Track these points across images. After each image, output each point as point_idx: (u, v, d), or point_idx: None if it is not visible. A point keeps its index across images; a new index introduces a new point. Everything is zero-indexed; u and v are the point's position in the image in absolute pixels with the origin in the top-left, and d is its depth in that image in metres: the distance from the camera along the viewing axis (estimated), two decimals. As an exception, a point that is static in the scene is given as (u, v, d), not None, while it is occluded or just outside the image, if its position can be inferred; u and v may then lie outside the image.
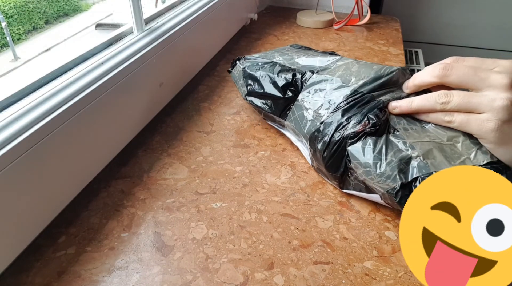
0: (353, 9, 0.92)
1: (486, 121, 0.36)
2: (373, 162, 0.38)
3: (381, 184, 0.38)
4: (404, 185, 0.36)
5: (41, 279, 0.35)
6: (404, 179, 0.37)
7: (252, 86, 0.53)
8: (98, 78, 0.42)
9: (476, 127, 0.37)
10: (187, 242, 0.39)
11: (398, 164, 0.37)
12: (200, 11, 0.64)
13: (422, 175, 0.36)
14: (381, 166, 0.38)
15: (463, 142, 0.39)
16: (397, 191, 0.37)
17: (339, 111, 0.43)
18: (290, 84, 0.49)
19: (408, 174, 0.37)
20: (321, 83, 0.47)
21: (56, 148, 0.37)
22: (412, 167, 0.37)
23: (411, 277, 0.35)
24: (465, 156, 0.38)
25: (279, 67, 0.52)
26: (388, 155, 0.38)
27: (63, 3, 0.92)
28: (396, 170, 0.37)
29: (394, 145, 0.39)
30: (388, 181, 0.37)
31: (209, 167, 0.49)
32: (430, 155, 0.38)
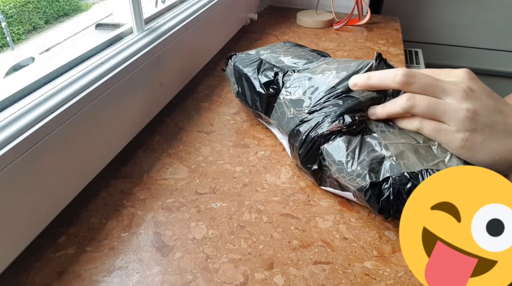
0: (353, 9, 0.92)
1: (455, 132, 0.36)
2: (346, 160, 0.39)
3: (352, 182, 0.39)
4: (374, 184, 0.37)
5: (41, 279, 0.35)
6: (374, 178, 0.37)
7: (241, 83, 0.54)
8: (98, 78, 0.42)
9: (445, 137, 0.37)
10: (187, 242, 0.39)
11: (369, 163, 0.38)
12: (200, 11, 0.64)
13: (393, 175, 0.37)
14: (353, 164, 0.39)
15: (439, 145, 0.39)
16: (366, 190, 0.37)
17: (317, 108, 0.44)
18: (271, 82, 0.50)
19: (380, 173, 0.38)
20: (301, 81, 0.48)
21: (56, 148, 0.37)
22: (384, 167, 0.38)
23: (411, 277, 0.35)
24: (440, 158, 0.38)
25: (264, 64, 0.53)
26: (361, 155, 0.39)
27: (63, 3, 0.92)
28: (367, 169, 0.38)
29: (368, 145, 0.40)
30: (358, 180, 0.38)
31: (209, 167, 0.49)
32: (403, 156, 0.38)
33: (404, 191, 0.36)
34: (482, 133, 0.36)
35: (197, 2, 0.66)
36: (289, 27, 0.93)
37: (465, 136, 0.36)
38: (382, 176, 0.37)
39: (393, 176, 0.37)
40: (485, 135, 0.36)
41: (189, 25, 0.60)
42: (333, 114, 0.42)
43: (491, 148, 0.36)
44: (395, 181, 0.37)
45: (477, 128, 0.36)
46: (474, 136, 0.36)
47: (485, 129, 0.36)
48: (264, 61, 0.53)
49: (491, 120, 0.36)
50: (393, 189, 0.36)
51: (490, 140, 0.36)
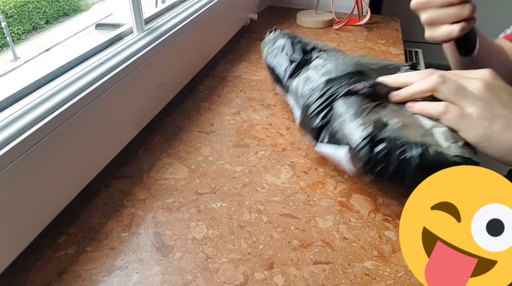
0: (353, 9, 0.92)
1: (478, 119, 0.38)
2: (353, 114, 0.41)
3: (350, 136, 0.40)
4: (370, 139, 0.38)
5: (41, 279, 0.35)
6: (376, 131, 0.39)
7: (276, 48, 0.58)
8: (98, 78, 0.42)
9: (468, 124, 0.38)
10: (187, 242, 0.39)
11: (373, 123, 0.40)
12: (200, 11, 0.64)
13: (391, 135, 0.38)
14: (357, 120, 0.40)
15: (442, 133, 0.40)
16: (360, 142, 0.39)
17: (341, 76, 0.47)
18: (307, 51, 0.55)
19: (379, 133, 0.39)
20: (333, 57, 0.52)
21: (56, 148, 0.37)
22: (386, 130, 0.39)
23: (411, 277, 0.35)
24: (438, 143, 0.39)
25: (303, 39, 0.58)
26: (368, 116, 0.41)
27: (63, 3, 0.92)
28: (368, 124, 0.39)
29: (378, 113, 0.41)
30: (357, 132, 0.39)
31: (209, 167, 0.49)
32: (406, 129, 0.39)
33: (394, 154, 0.37)
34: (500, 123, 0.37)
35: (197, 2, 0.66)
36: (289, 27, 0.93)
37: (486, 124, 0.37)
38: (381, 135, 0.39)
39: (390, 136, 0.38)
40: (502, 126, 0.37)
41: (189, 25, 0.60)
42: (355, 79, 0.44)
43: (507, 140, 0.37)
44: (390, 142, 0.38)
45: (495, 118, 0.37)
46: (494, 126, 0.37)
47: (503, 120, 0.37)
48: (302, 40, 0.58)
49: (508, 113, 0.37)
50: (387, 149, 0.38)
51: (506, 131, 0.37)
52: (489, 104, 0.38)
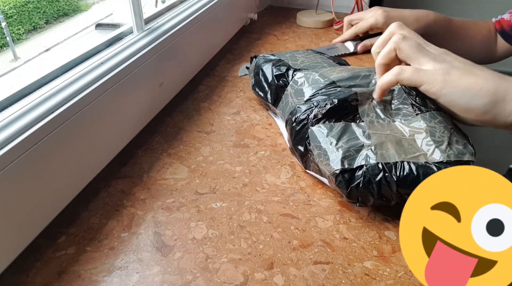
0: (353, 9, 0.92)
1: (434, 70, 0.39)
2: (326, 146, 0.41)
3: (327, 167, 0.41)
4: (345, 171, 0.39)
5: (41, 279, 0.35)
6: (347, 165, 0.39)
7: (258, 76, 0.58)
8: (98, 78, 0.42)
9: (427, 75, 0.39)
10: (187, 242, 0.39)
11: (346, 150, 0.40)
12: (200, 11, 0.64)
13: (367, 165, 0.38)
14: (330, 150, 0.40)
15: (424, 138, 0.40)
16: (337, 175, 0.39)
17: (314, 97, 0.47)
18: (282, 75, 0.55)
19: (355, 161, 0.39)
20: (308, 76, 0.51)
21: (56, 148, 0.37)
22: (361, 155, 0.39)
23: (411, 277, 0.36)
24: (421, 152, 0.39)
25: (280, 62, 0.57)
26: (340, 141, 0.41)
27: (63, 3, 0.92)
28: (341, 155, 0.40)
29: (352, 133, 0.41)
30: (332, 164, 0.40)
31: (209, 167, 0.49)
32: (383, 146, 0.39)
33: (374, 181, 0.38)
34: (457, 72, 0.38)
35: (197, 2, 0.66)
36: (289, 27, 0.93)
37: (443, 71, 0.38)
38: (356, 164, 0.39)
39: (366, 165, 0.38)
40: (460, 74, 0.38)
41: (189, 25, 0.60)
42: (327, 101, 0.44)
43: (467, 83, 0.37)
44: (367, 170, 0.38)
45: (452, 68, 0.38)
46: (451, 73, 0.38)
47: (459, 70, 0.38)
48: (282, 60, 0.57)
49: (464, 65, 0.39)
50: (364, 177, 0.38)
51: (464, 76, 0.38)
52: (446, 59, 0.39)
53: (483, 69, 0.38)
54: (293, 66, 0.55)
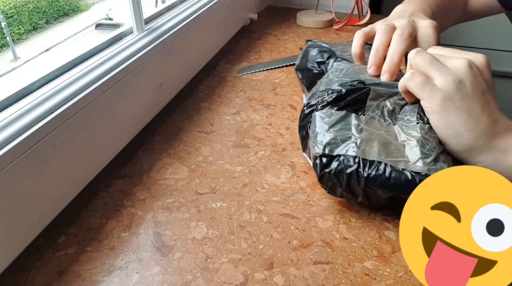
0: (353, 9, 0.92)
1: (439, 89, 0.37)
2: (318, 130, 0.42)
3: (312, 150, 0.42)
4: (325, 156, 0.40)
5: (41, 279, 0.35)
6: (327, 151, 0.40)
7: (303, 59, 0.58)
8: (98, 78, 0.42)
9: (429, 92, 0.38)
10: (187, 242, 0.39)
11: (333, 137, 0.40)
12: (200, 11, 0.64)
13: (345, 155, 0.39)
14: (320, 135, 0.41)
15: (413, 147, 0.39)
16: (315, 158, 0.40)
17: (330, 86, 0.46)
18: (322, 63, 0.54)
19: (336, 149, 0.40)
20: (342, 67, 0.50)
21: (56, 148, 0.37)
22: (344, 145, 0.40)
23: (411, 277, 0.36)
24: (404, 158, 0.38)
25: (327, 50, 0.56)
26: (332, 128, 0.41)
27: (63, 3, 0.92)
28: (326, 141, 0.40)
29: (347, 123, 0.41)
30: (316, 148, 0.41)
31: (209, 167, 0.49)
32: (369, 143, 0.39)
33: (345, 172, 0.38)
34: (459, 103, 0.36)
35: (197, 2, 0.66)
36: (289, 27, 0.93)
37: (445, 95, 0.37)
38: (336, 152, 0.39)
39: (344, 156, 0.39)
40: (460, 107, 0.36)
41: (189, 25, 0.60)
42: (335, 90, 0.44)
43: (457, 120, 0.37)
44: (343, 161, 0.39)
45: (457, 97, 0.37)
46: (452, 101, 0.37)
47: (463, 103, 0.37)
48: (330, 49, 0.57)
49: (471, 99, 0.37)
50: (338, 166, 0.39)
51: (461, 113, 0.36)
52: (459, 82, 0.37)
53: (486, 109, 0.37)
54: (338, 56, 0.55)
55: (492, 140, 0.36)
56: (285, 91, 0.66)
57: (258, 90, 0.66)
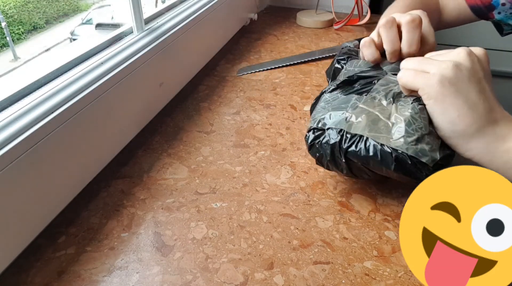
0: (353, 9, 0.92)
1: (433, 75, 0.37)
2: (318, 108, 0.44)
3: (310, 124, 0.43)
4: (317, 129, 0.42)
5: (41, 279, 0.35)
6: (320, 125, 0.42)
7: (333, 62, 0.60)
8: (98, 78, 0.42)
9: (423, 79, 0.37)
10: (187, 242, 0.39)
11: (328, 113, 0.42)
12: (200, 11, 0.64)
13: (332, 127, 0.41)
14: (318, 112, 0.43)
15: (399, 124, 0.39)
16: (308, 130, 0.43)
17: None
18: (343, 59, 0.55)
19: (327, 122, 0.41)
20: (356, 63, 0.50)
21: (56, 148, 0.37)
22: (336, 119, 0.41)
23: (411, 277, 0.36)
24: (388, 135, 0.39)
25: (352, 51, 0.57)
26: (330, 105, 0.43)
27: (63, 3, 0.92)
28: (320, 116, 0.42)
29: (346, 101, 0.43)
30: (312, 122, 0.43)
31: (209, 167, 0.49)
32: (358, 118, 0.40)
33: (330, 144, 0.40)
34: (455, 84, 0.36)
35: (197, 2, 0.66)
36: (289, 27, 0.93)
37: (442, 78, 0.36)
38: (326, 125, 0.41)
39: (331, 128, 0.41)
40: (456, 88, 0.36)
41: (189, 25, 0.60)
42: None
43: (453, 106, 0.36)
44: (330, 133, 0.41)
45: (453, 78, 0.36)
46: (450, 82, 0.36)
47: (459, 84, 0.36)
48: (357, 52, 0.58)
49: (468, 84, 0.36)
50: (323, 138, 0.41)
51: (456, 95, 0.36)
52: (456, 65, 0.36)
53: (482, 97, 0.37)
54: None
55: (486, 127, 0.36)
56: (285, 91, 0.66)
57: (258, 90, 0.66)
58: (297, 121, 0.58)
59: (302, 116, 0.59)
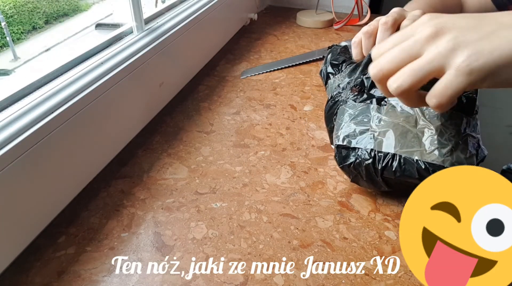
0: (353, 9, 0.92)
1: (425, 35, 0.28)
2: (341, 122, 0.44)
3: (334, 141, 0.44)
4: (343, 147, 0.42)
5: (41, 279, 0.35)
6: (345, 143, 0.42)
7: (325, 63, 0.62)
8: (98, 78, 0.42)
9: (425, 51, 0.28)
10: (187, 242, 0.39)
11: (352, 129, 0.42)
12: (200, 11, 0.64)
13: (362, 148, 0.41)
14: (341, 127, 0.43)
15: (431, 135, 0.38)
16: (336, 147, 0.43)
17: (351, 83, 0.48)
18: (337, 65, 0.58)
19: (354, 141, 0.41)
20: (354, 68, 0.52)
21: (56, 148, 0.37)
22: (361, 137, 0.41)
23: (411, 277, 0.36)
24: (420, 148, 0.39)
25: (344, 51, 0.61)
26: (353, 120, 0.43)
27: (63, 3, 0.91)
28: (345, 133, 0.42)
29: (367, 115, 0.42)
30: (337, 139, 0.43)
31: (209, 167, 0.49)
32: (386, 135, 0.40)
33: (363, 165, 0.40)
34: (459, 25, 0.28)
35: (197, 2, 0.66)
36: (289, 27, 0.93)
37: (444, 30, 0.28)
38: (353, 144, 0.41)
39: (362, 149, 0.41)
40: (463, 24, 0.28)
41: (189, 25, 0.60)
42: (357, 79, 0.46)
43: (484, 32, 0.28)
44: (360, 154, 0.41)
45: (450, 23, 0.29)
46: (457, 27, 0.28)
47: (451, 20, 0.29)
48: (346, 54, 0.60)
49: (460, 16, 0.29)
50: (356, 159, 0.41)
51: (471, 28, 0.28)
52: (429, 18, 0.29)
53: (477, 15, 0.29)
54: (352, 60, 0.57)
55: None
56: (285, 91, 0.66)
57: (258, 90, 0.66)
58: (297, 121, 0.58)
59: (302, 116, 0.59)
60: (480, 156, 0.39)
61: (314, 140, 0.54)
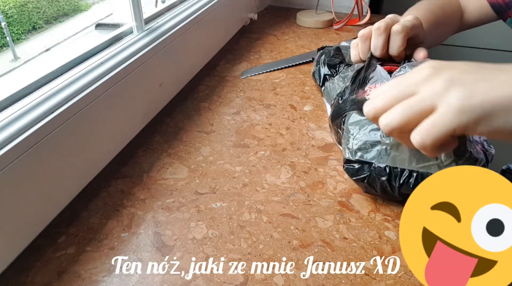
0: (353, 9, 0.92)
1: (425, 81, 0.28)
2: (352, 131, 0.43)
3: (344, 151, 0.43)
4: (355, 161, 0.41)
5: (41, 279, 0.35)
6: (358, 157, 0.41)
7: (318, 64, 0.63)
8: (98, 78, 0.42)
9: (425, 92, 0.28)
10: (187, 242, 0.39)
11: (363, 143, 0.41)
12: (200, 11, 0.64)
13: (374, 163, 0.40)
14: (351, 138, 0.42)
15: None
16: (346, 161, 0.42)
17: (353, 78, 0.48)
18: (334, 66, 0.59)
19: (366, 155, 0.40)
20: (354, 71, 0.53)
21: (56, 148, 0.37)
22: (373, 150, 0.40)
23: (411, 277, 0.35)
24: (436, 161, 0.38)
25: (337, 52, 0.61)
26: (362, 131, 0.41)
27: (63, 3, 0.91)
28: (356, 146, 0.41)
29: (375, 125, 0.41)
30: (348, 152, 0.42)
31: (209, 167, 0.49)
32: (399, 148, 0.39)
33: (378, 181, 0.40)
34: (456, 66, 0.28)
35: (197, 2, 0.66)
36: (289, 27, 0.93)
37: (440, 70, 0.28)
38: (366, 158, 0.40)
39: (374, 165, 0.40)
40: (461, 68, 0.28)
41: (189, 25, 0.60)
42: (365, 83, 0.46)
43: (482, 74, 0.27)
44: (374, 170, 0.40)
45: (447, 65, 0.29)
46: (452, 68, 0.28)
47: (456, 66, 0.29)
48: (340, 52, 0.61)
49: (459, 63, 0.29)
50: (370, 175, 0.40)
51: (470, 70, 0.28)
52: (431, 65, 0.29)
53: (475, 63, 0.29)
54: (348, 62, 0.58)
55: None
56: (285, 91, 0.66)
57: (258, 90, 0.66)
58: (297, 121, 0.58)
59: (302, 116, 0.59)
60: (489, 158, 0.39)
61: (314, 140, 0.54)
